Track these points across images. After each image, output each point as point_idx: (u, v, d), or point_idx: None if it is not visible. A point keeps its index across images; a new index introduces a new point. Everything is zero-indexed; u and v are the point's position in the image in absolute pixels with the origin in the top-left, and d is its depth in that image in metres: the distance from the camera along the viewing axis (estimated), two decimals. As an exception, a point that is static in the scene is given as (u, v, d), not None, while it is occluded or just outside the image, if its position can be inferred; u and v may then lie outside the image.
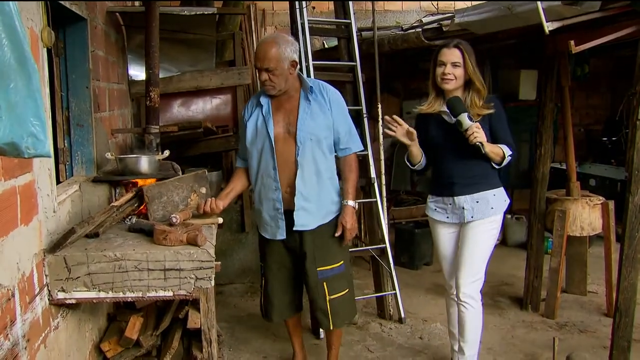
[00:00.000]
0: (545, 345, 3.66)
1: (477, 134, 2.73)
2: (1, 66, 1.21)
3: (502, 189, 3.02)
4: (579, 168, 4.47)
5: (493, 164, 2.89)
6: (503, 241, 5.91)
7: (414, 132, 2.95)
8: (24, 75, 1.28)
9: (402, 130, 2.94)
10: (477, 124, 2.75)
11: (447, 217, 3.09)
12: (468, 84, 2.91)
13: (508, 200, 3.05)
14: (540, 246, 4.28)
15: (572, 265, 4.52)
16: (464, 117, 2.76)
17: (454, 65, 2.86)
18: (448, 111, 2.89)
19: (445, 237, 3.16)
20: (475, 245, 2.99)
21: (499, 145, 2.85)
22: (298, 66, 2.85)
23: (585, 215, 4.11)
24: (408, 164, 3.13)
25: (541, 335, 3.86)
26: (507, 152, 2.84)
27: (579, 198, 4.15)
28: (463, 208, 2.99)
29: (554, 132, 4.35)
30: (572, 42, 2.96)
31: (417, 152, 3.02)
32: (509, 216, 5.98)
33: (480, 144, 2.74)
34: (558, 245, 4.11)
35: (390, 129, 2.96)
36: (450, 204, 3.05)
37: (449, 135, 2.92)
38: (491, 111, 2.88)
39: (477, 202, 2.96)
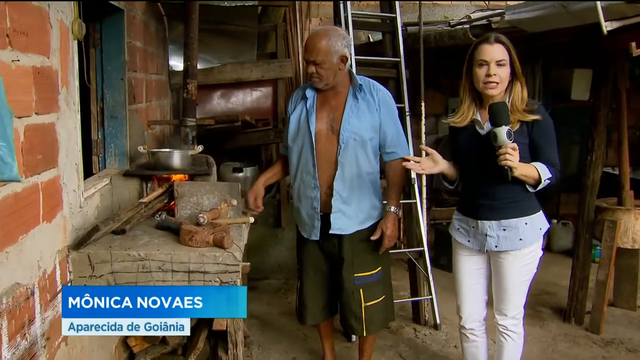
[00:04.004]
0: (589, 363, 3.49)
1: (510, 157, 2.29)
2: None
3: (538, 215, 2.59)
4: (631, 174, 4.21)
5: (527, 187, 2.47)
6: (547, 247, 5.66)
7: (433, 152, 2.54)
8: None
9: (427, 164, 2.53)
10: (515, 145, 2.30)
11: (469, 241, 2.69)
12: (508, 86, 2.49)
13: (545, 228, 2.62)
14: (587, 257, 4.06)
15: (621, 277, 4.29)
16: (502, 132, 2.30)
17: (498, 64, 2.41)
18: (488, 118, 2.42)
19: (464, 262, 2.76)
20: (507, 281, 2.62)
21: (534, 164, 2.41)
22: (349, 61, 2.75)
23: (639, 227, 3.88)
24: (446, 184, 2.71)
25: (584, 351, 3.66)
26: (545, 174, 2.39)
27: (632, 208, 3.92)
28: (486, 235, 2.58)
29: (607, 135, 4.11)
30: (634, 44, 2.74)
31: (451, 173, 2.63)
32: (555, 221, 5.75)
33: (508, 169, 2.32)
34: (607, 257, 3.90)
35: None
36: (473, 227, 2.65)
37: (480, 150, 2.49)
38: (536, 117, 2.44)
39: (504, 229, 2.55)
